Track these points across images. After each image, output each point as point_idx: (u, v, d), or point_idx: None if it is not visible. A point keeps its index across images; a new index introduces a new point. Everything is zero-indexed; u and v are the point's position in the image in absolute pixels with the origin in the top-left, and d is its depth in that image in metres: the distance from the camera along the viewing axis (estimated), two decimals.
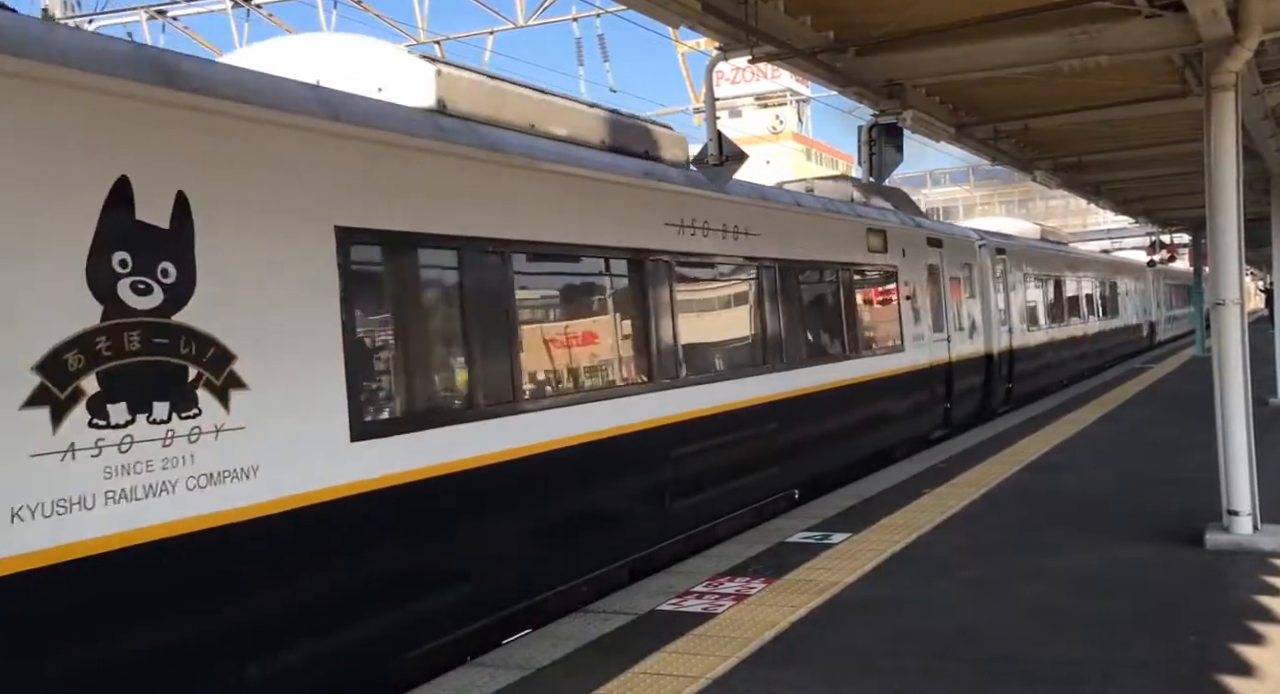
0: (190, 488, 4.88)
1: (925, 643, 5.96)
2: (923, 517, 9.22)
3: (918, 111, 9.97)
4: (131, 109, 4.85)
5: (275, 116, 5.56)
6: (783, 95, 67.64)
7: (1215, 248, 7.92)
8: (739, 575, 7.53)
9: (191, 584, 4.93)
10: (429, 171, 6.55)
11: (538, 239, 7.47)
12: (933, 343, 15.02)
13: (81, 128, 4.63)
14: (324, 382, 5.62)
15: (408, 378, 6.47)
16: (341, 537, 5.69)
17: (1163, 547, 7.84)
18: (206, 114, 5.18)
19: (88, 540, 4.48)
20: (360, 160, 6.04)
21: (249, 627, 5.21)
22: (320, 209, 5.71)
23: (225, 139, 5.25)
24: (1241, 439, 7.76)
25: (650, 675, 5.58)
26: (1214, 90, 7.87)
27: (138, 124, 4.86)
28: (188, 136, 5.05)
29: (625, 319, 8.55)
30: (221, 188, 5.16)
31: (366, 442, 5.81)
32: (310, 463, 5.50)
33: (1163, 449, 12.44)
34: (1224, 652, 5.59)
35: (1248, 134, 11.24)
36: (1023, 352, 19.49)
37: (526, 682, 5.63)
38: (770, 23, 7.98)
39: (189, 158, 5.03)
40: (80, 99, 4.65)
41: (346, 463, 5.69)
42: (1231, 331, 7.84)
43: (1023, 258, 20.93)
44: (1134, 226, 36.65)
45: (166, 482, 4.78)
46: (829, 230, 12.36)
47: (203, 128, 5.15)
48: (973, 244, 18.04)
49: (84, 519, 4.46)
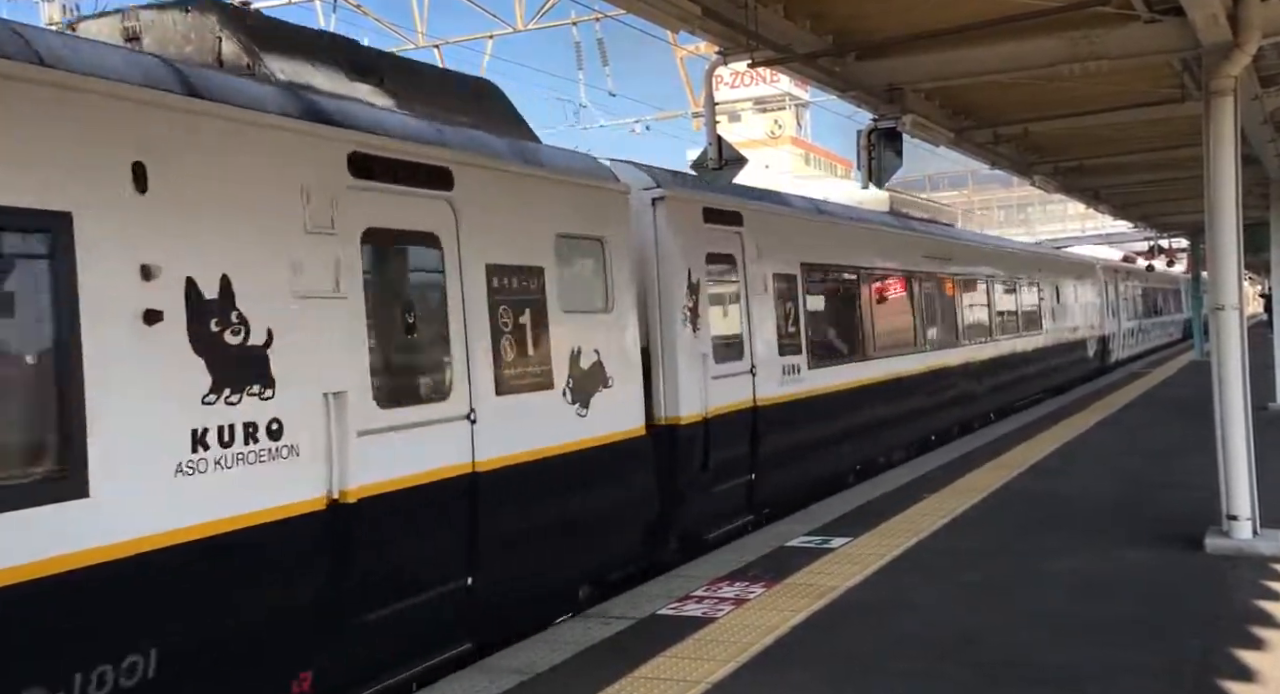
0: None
1: (926, 647, 5.95)
2: (923, 521, 9.22)
3: (917, 116, 9.99)
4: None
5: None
6: (781, 100, 67.66)
7: (1214, 253, 7.93)
8: (739, 579, 7.53)
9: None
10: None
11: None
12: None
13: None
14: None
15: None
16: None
17: (1163, 551, 7.84)
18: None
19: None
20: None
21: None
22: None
23: None
24: (1241, 444, 7.76)
25: (650, 680, 5.57)
26: (1213, 95, 7.88)
27: None
28: None
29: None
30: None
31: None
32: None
33: (1162, 453, 12.44)
34: (1225, 656, 5.58)
35: (1246, 139, 11.25)
36: (778, 411, 10.75)
37: (527, 686, 5.62)
38: (770, 27, 7.99)
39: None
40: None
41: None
42: (1231, 336, 7.84)
43: (789, 232, 11.66)
44: (1133, 231, 36.52)
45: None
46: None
47: None
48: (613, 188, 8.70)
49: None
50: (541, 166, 7.75)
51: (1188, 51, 8.51)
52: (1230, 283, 7.88)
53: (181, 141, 5.05)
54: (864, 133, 9.57)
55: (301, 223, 5.60)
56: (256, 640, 5.31)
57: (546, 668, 5.86)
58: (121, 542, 4.64)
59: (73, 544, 4.45)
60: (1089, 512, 9.43)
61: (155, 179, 4.85)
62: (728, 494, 9.78)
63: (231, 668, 5.16)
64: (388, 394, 6.05)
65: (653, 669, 5.73)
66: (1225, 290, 7.88)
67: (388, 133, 6.35)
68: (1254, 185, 15.79)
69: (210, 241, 5.10)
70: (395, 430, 6.02)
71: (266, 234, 5.41)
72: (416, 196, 6.42)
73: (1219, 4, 7.24)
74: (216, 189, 5.16)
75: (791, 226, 11.81)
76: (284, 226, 5.51)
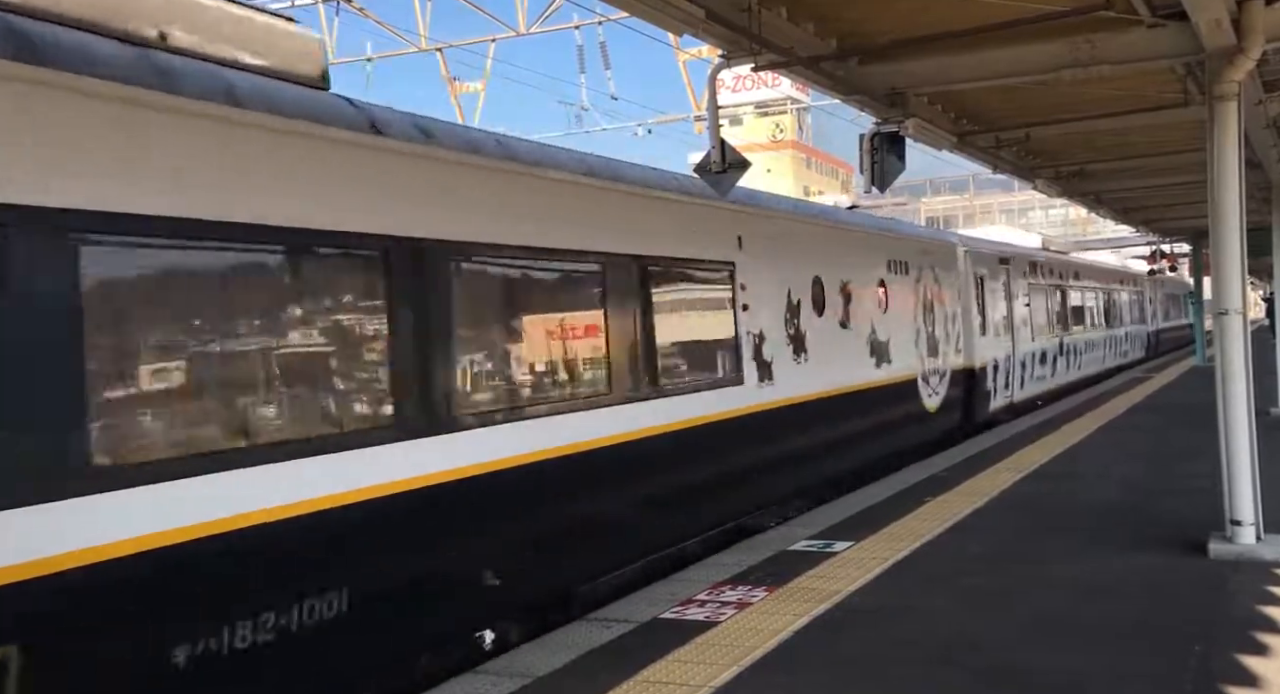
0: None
1: (928, 651, 5.94)
2: (925, 525, 9.21)
3: (920, 120, 9.99)
4: None
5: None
6: (783, 103, 67.75)
7: (1217, 258, 7.92)
8: (741, 583, 7.52)
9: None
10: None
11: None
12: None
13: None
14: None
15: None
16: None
17: (1166, 556, 7.82)
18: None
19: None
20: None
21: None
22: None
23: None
24: (1244, 449, 7.75)
25: (652, 684, 5.57)
26: (1216, 100, 7.88)
27: None
28: None
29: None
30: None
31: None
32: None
33: (1164, 458, 12.43)
34: (1228, 662, 5.57)
35: (1249, 144, 11.25)
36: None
37: (527, 690, 5.60)
38: (773, 31, 8.00)
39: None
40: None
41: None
42: (1234, 341, 7.84)
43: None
44: (1135, 235, 36.52)
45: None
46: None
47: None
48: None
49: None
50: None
51: (1191, 56, 8.51)
52: (1234, 288, 7.87)
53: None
54: (867, 137, 9.59)
55: None
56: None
57: (547, 672, 5.85)
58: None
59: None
60: (1092, 516, 9.42)
61: None
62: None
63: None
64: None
65: (654, 673, 5.72)
66: (1228, 295, 7.87)
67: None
68: (1256, 190, 15.79)
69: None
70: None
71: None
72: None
73: (1223, 8, 7.23)
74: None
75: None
76: None
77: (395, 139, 6.56)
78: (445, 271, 6.80)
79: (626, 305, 8.60)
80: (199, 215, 5.19)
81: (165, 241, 5.10)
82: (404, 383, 6.32)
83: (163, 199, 5.03)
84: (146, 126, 5.03)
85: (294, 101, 5.95)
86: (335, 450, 5.79)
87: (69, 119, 4.69)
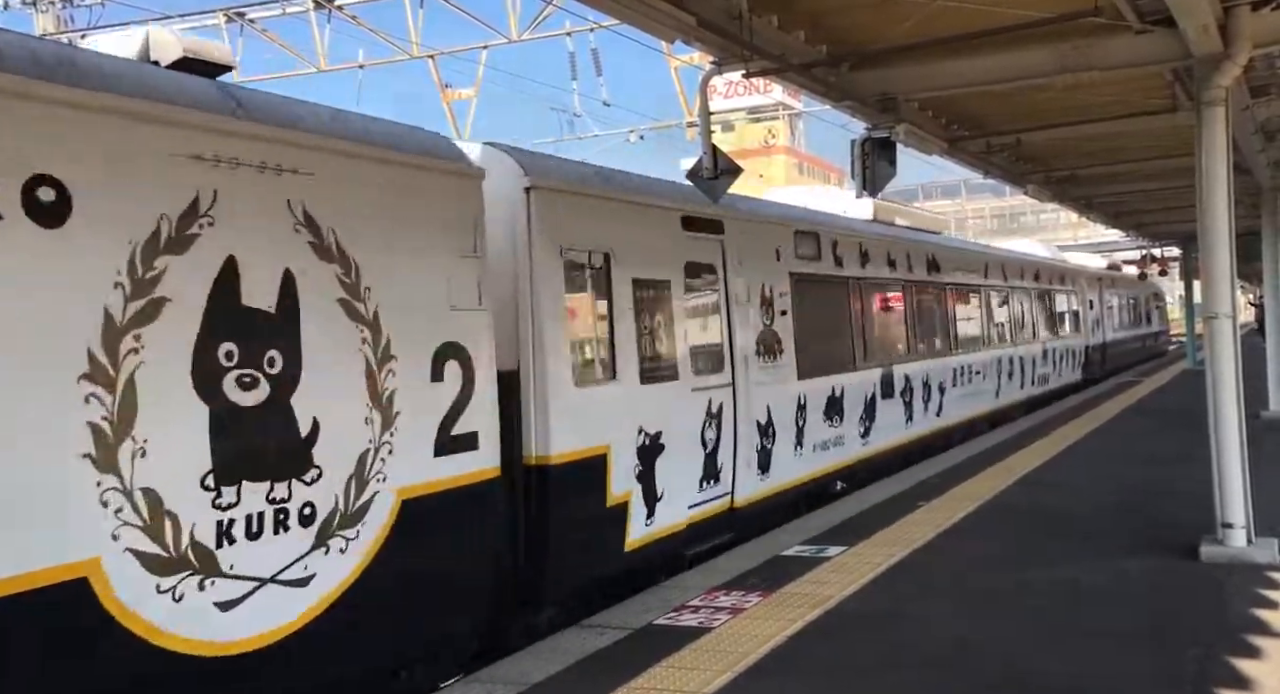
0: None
1: (924, 656, 5.95)
2: (918, 530, 9.22)
3: (911, 125, 10.02)
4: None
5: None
6: (775, 109, 67.87)
7: (1207, 262, 7.96)
8: (735, 589, 7.52)
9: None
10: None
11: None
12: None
13: None
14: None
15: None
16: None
17: (1158, 559, 7.85)
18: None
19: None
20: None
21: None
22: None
23: None
24: (1235, 452, 7.78)
25: (647, 690, 5.56)
26: (1204, 105, 7.92)
27: None
28: None
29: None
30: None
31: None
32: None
33: (1156, 461, 12.46)
34: (1222, 665, 5.59)
35: (1237, 149, 11.31)
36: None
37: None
38: (764, 37, 8.02)
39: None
40: None
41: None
42: (1225, 345, 7.87)
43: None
44: (1125, 240, 36.62)
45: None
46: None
47: None
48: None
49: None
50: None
51: (1179, 62, 8.55)
52: (1223, 291, 7.91)
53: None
54: (858, 142, 9.60)
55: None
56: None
57: (542, 678, 5.85)
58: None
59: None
60: (1085, 520, 9.44)
61: None
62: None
63: None
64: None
65: (649, 679, 5.72)
66: (1218, 299, 7.91)
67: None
68: (1244, 195, 15.85)
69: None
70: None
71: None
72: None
73: (1210, 15, 7.28)
74: None
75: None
76: None
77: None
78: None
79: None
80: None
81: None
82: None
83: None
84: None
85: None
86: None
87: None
